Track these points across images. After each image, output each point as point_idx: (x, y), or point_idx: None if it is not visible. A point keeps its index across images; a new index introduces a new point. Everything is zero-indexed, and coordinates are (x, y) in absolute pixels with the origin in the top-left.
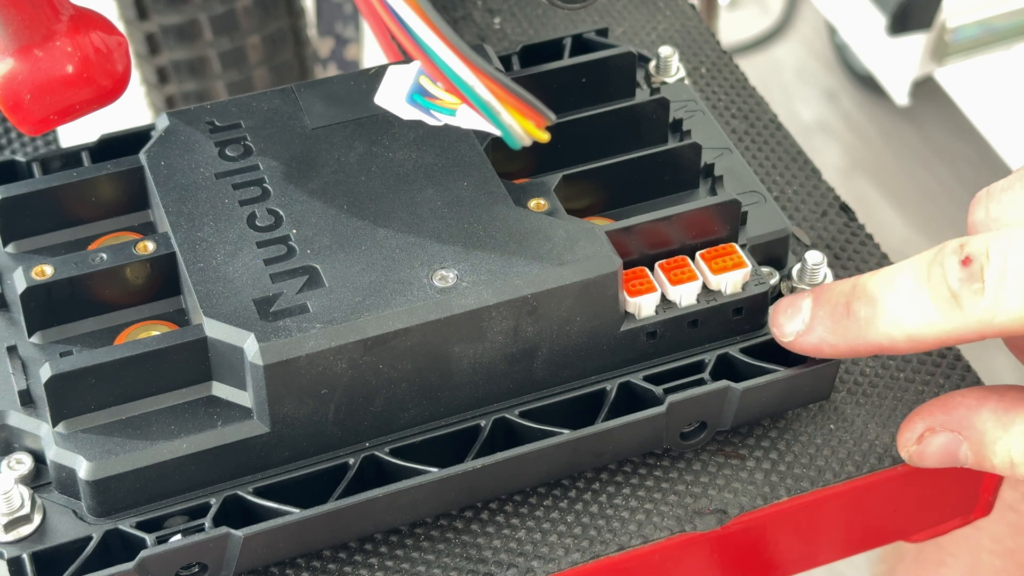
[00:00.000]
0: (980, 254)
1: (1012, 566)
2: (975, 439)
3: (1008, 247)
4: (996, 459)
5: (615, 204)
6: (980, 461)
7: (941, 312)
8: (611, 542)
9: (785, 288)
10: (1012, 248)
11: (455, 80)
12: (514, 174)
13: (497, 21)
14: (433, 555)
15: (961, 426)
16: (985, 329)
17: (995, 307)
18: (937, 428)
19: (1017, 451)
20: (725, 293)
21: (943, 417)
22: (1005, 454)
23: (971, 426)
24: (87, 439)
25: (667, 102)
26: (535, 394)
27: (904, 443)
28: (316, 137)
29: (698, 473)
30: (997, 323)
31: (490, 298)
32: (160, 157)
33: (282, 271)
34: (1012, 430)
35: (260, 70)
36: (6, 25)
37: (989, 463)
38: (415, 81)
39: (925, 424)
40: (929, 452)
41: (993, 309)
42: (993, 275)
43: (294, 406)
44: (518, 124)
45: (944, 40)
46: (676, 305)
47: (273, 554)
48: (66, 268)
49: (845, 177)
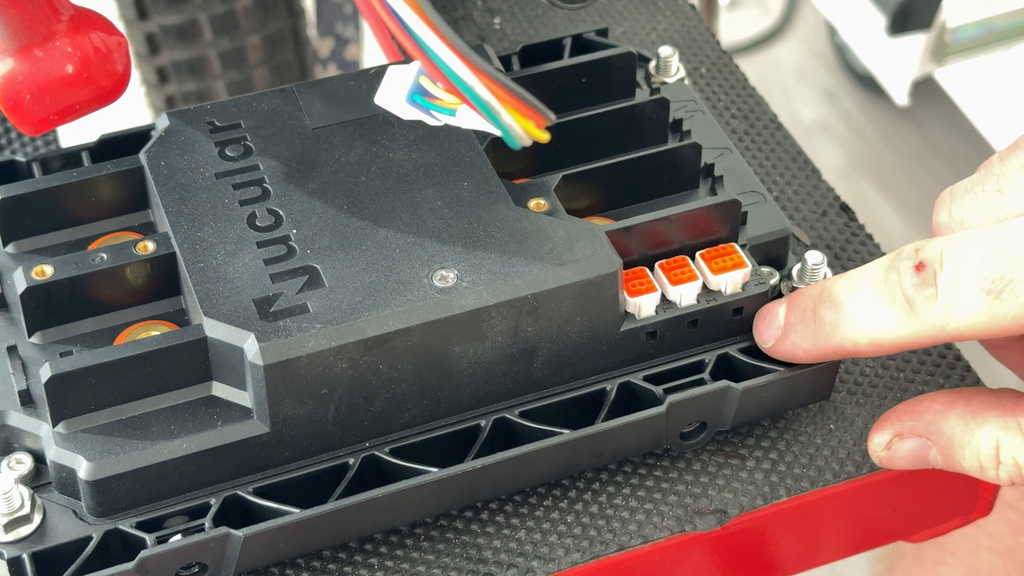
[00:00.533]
0: (934, 259)
1: (1012, 565)
2: (944, 444)
3: (962, 252)
4: (966, 463)
5: (615, 204)
6: (950, 464)
7: (898, 318)
8: (611, 542)
9: (785, 288)
10: (966, 253)
11: (455, 80)
12: (514, 174)
13: (497, 21)
14: (433, 555)
15: (929, 431)
16: (941, 334)
17: (949, 313)
18: (906, 434)
19: (985, 455)
20: (725, 293)
21: (911, 423)
22: (974, 458)
23: (939, 431)
24: (87, 439)
25: (667, 102)
26: (535, 394)
27: (874, 449)
28: (316, 137)
29: (698, 473)
30: (952, 328)
31: (490, 298)
32: (160, 157)
33: (282, 271)
34: (979, 434)
35: (260, 70)
36: (6, 25)
37: (959, 466)
38: (415, 81)
39: (894, 430)
40: (899, 457)
41: (947, 315)
42: (946, 281)
43: (294, 406)
44: (518, 124)
45: (944, 40)
46: (676, 305)
47: (273, 554)
48: (66, 268)
49: (845, 177)
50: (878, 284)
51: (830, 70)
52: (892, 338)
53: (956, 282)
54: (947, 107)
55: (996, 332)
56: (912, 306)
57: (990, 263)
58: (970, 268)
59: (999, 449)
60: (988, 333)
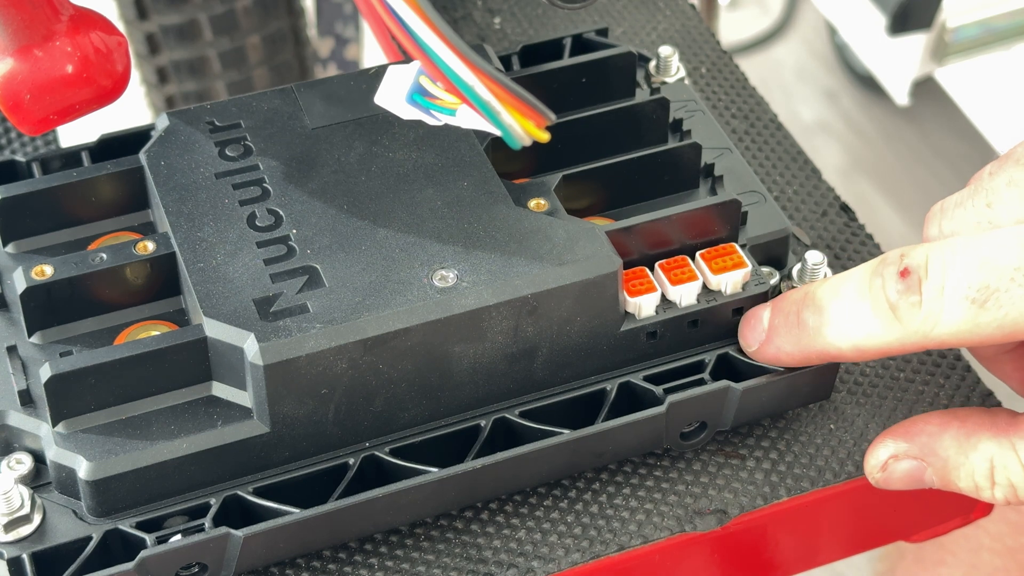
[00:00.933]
0: (919, 266)
1: (1013, 565)
2: (939, 465)
3: (947, 260)
4: (961, 483)
5: (615, 204)
6: (946, 485)
7: (881, 324)
8: (611, 542)
9: (785, 288)
10: (951, 260)
11: (455, 80)
12: (514, 174)
13: (497, 21)
14: (433, 555)
15: (924, 453)
16: (924, 342)
17: (933, 321)
18: (900, 455)
19: (980, 475)
20: (725, 293)
21: (906, 445)
22: (969, 479)
23: (934, 453)
24: (87, 439)
25: (667, 102)
26: (535, 394)
27: (870, 470)
28: (316, 137)
29: (698, 473)
30: (935, 336)
31: (490, 298)
32: (160, 157)
33: (282, 271)
34: (973, 456)
35: (260, 70)
36: (6, 25)
37: (955, 487)
38: (415, 81)
39: (888, 452)
40: (895, 478)
41: (931, 322)
42: (931, 289)
43: (294, 406)
44: (518, 124)
45: (944, 40)
46: (676, 305)
47: (273, 554)
48: (66, 268)
49: (845, 177)
50: (862, 289)
51: (830, 70)
52: (875, 344)
53: (941, 290)
54: (947, 107)
55: (980, 341)
56: (896, 312)
57: (976, 272)
58: (955, 276)
59: (994, 470)
60: (972, 342)
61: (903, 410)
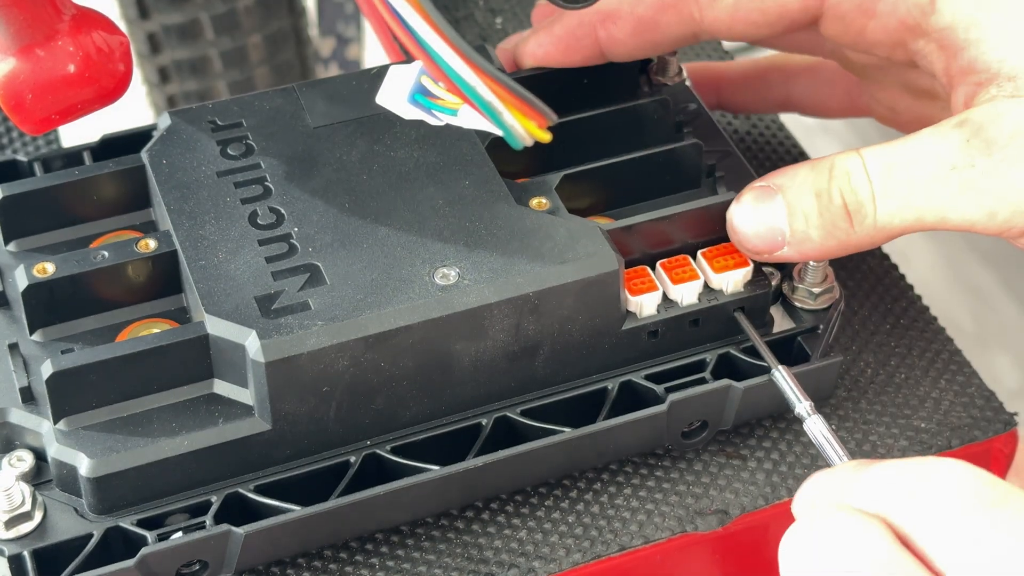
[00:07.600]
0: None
1: None
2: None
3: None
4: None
5: (617, 204)
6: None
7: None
8: (612, 543)
9: (786, 288)
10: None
11: (457, 80)
12: (516, 173)
13: (499, 21)
14: (434, 555)
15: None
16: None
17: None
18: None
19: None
20: (726, 292)
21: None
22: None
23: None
24: (88, 436)
25: (668, 102)
26: (536, 392)
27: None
28: (318, 136)
29: (699, 473)
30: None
31: (491, 296)
32: (162, 156)
33: (284, 269)
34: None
35: (262, 69)
36: (8, 25)
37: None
38: (417, 81)
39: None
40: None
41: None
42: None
43: (295, 404)
44: (520, 124)
45: None
46: (677, 304)
47: (274, 552)
48: (67, 266)
49: None
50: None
51: None
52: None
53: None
54: None
55: None
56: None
57: None
58: None
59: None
60: None
61: (903, 410)
